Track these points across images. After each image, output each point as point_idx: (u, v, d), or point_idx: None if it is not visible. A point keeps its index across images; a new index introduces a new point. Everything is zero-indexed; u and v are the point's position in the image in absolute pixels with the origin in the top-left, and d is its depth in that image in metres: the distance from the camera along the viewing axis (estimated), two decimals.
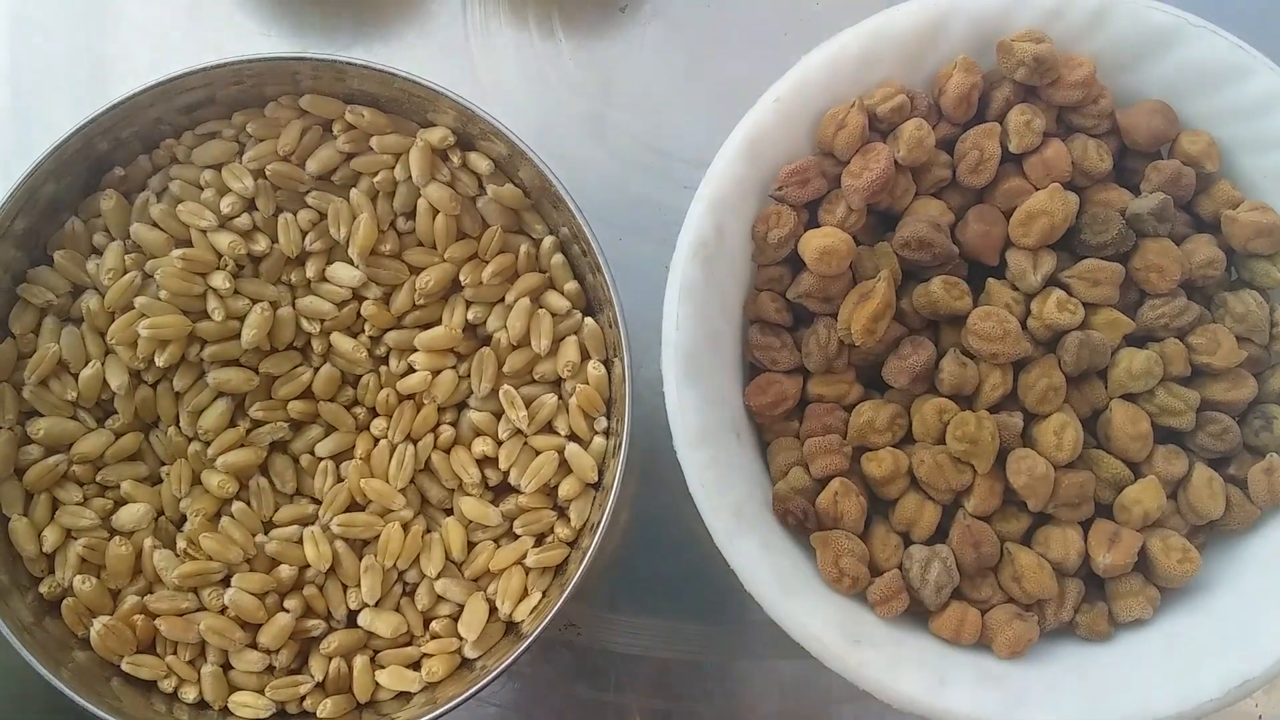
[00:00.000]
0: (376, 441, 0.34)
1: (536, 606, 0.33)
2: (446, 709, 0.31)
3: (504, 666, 0.31)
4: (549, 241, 0.35)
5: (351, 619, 0.34)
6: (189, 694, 0.33)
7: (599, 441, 0.34)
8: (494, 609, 0.33)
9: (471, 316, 0.34)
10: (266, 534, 0.34)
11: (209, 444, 0.34)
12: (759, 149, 0.32)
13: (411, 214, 0.34)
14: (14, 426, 0.33)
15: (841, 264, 0.31)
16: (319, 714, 0.33)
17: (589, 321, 0.34)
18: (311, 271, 0.34)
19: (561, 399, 0.34)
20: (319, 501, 0.34)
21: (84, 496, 0.33)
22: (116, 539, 0.33)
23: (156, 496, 0.34)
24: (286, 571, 0.33)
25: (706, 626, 0.38)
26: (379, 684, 0.33)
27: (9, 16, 0.41)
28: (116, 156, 0.34)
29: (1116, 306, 0.32)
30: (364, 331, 0.34)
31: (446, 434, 0.34)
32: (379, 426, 0.34)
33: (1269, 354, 0.32)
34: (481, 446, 0.34)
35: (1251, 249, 0.32)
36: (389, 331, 0.34)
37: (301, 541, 0.34)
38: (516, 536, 0.34)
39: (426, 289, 0.34)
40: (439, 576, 0.34)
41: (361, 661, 0.33)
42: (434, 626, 0.34)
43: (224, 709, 0.33)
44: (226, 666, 0.33)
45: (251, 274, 0.34)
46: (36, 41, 0.41)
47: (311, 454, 0.34)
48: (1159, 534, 0.31)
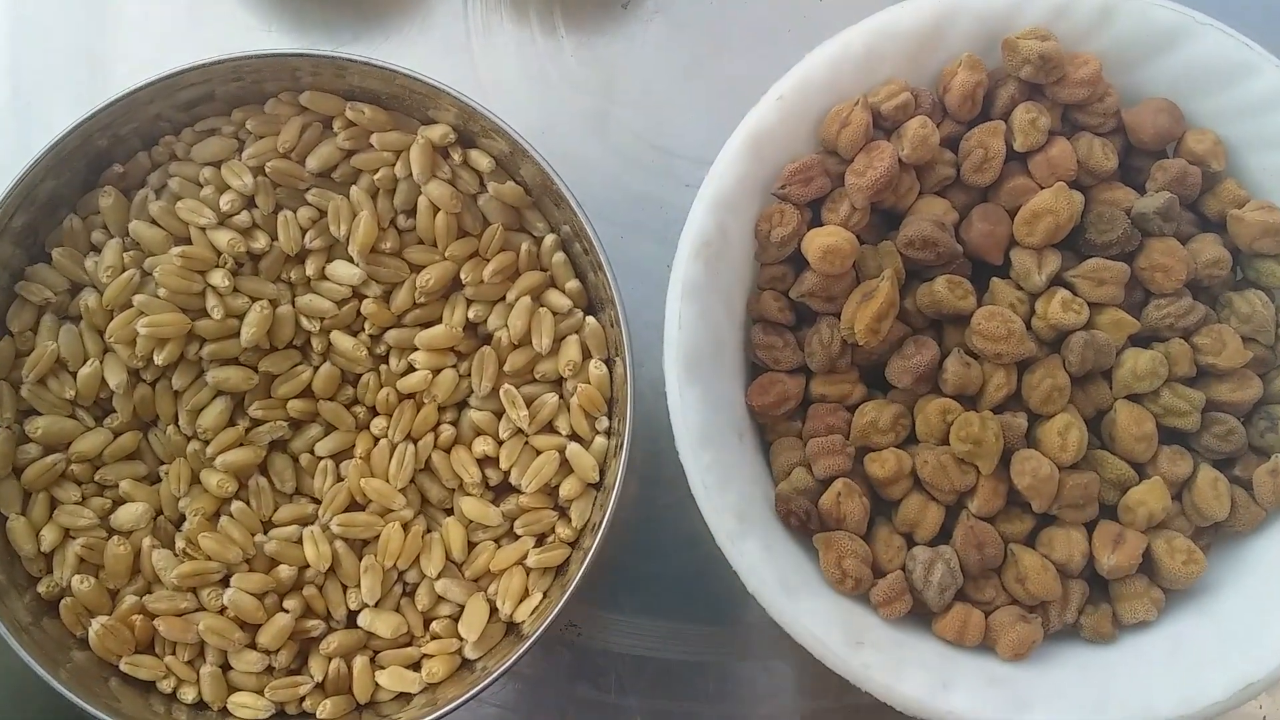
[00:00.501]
0: (376, 441, 0.34)
1: (537, 607, 0.33)
2: (447, 710, 0.31)
3: (505, 667, 0.31)
4: (550, 240, 0.34)
5: (351, 619, 0.34)
6: (188, 694, 0.32)
7: (600, 441, 0.34)
8: (495, 609, 0.33)
9: (472, 315, 0.34)
10: (266, 534, 0.34)
11: (208, 443, 0.34)
12: (762, 147, 0.32)
13: (412, 212, 0.34)
14: (12, 425, 0.33)
15: (845, 263, 0.31)
16: (319, 715, 0.32)
17: (590, 320, 0.34)
18: (311, 269, 0.34)
19: (563, 398, 0.34)
20: (319, 501, 0.34)
21: (82, 496, 0.33)
22: (115, 538, 0.33)
23: (155, 496, 0.34)
24: (286, 571, 0.33)
25: (708, 627, 0.38)
26: (379, 685, 0.33)
27: (9, 14, 0.41)
28: (115, 153, 0.34)
29: (1121, 306, 0.31)
30: (364, 330, 0.34)
31: (447, 433, 0.34)
32: (379, 426, 0.34)
33: (1275, 354, 0.32)
34: (482, 446, 0.34)
35: (1257, 248, 0.31)
36: (389, 330, 0.34)
37: (301, 541, 0.33)
38: (517, 537, 0.34)
39: (427, 287, 0.34)
40: (439, 577, 0.33)
41: (361, 662, 0.33)
42: (434, 627, 0.33)
43: (223, 709, 0.33)
44: (225, 667, 0.33)
45: (251, 272, 0.34)
46: (37, 39, 0.41)
47: (311, 453, 0.34)
48: (1164, 535, 0.31)
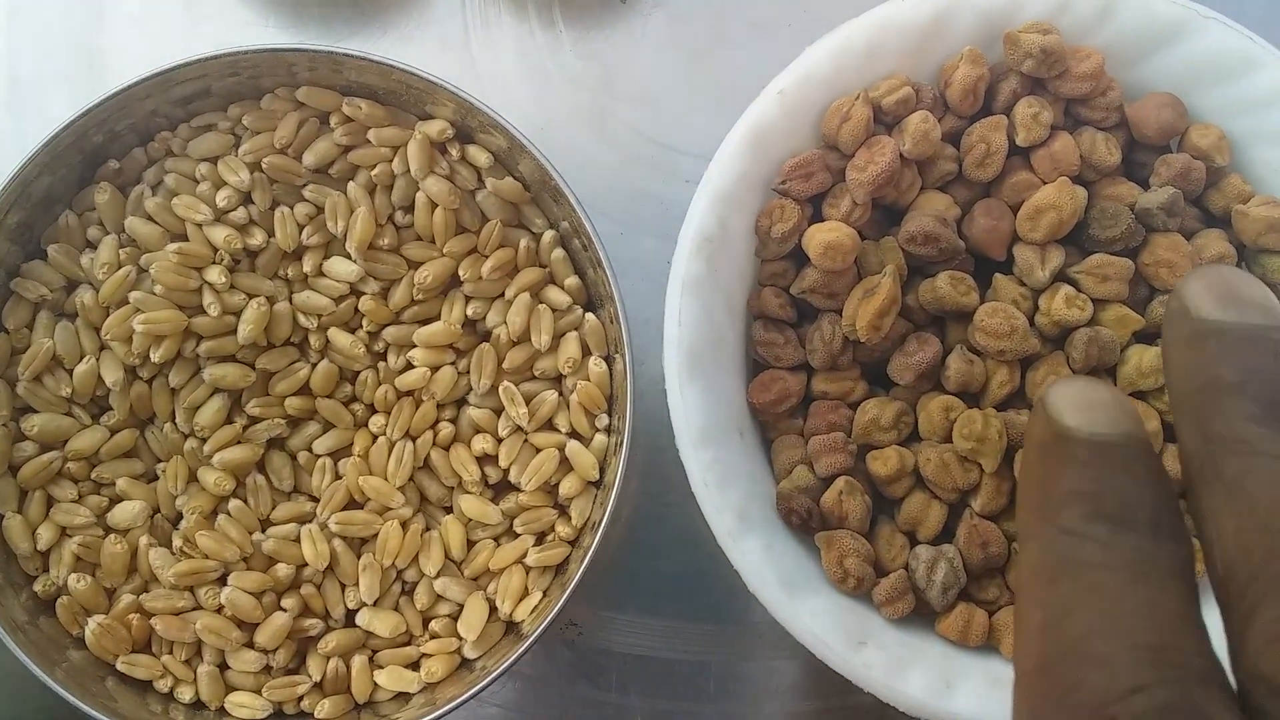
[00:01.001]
0: (375, 439, 0.34)
1: (537, 606, 0.33)
2: (446, 710, 0.31)
3: (504, 667, 0.31)
4: (549, 236, 0.34)
5: (350, 618, 0.34)
6: (185, 694, 0.32)
7: (600, 439, 0.34)
8: (494, 608, 0.33)
9: (471, 312, 0.34)
10: (264, 532, 0.33)
11: (205, 441, 0.33)
12: (762, 142, 0.31)
13: (410, 208, 0.34)
14: (7, 423, 0.33)
15: (846, 259, 0.30)
16: (317, 714, 0.32)
17: (590, 317, 0.34)
18: (309, 266, 0.34)
19: (562, 396, 0.34)
20: (317, 499, 0.34)
21: (79, 494, 0.33)
22: (112, 537, 0.33)
23: (152, 494, 0.33)
24: (284, 570, 0.33)
25: (709, 626, 0.38)
26: (377, 684, 0.33)
27: (6, 8, 0.41)
28: (111, 149, 0.34)
29: (1126, 303, 0.31)
30: (362, 327, 0.34)
31: (446, 431, 0.34)
32: (377, 423, 0.34)
33: None
34: (481, 444, 0.34)
35: (1262, 244, 0.31)
36: (387, 327, 0.34)
37: (299, 540, 0.33)
38: (517, 535, 0.34)
39: (425, 284, 0.33)
40: (438, 575, 0.33)
41: (360, 661, 0.33)
42: (433, 626, 0.33)
43: (220, 709, 0.32)
44: (223, 666, 0.33)
45: (248, 268, 0.34)
46: (33, 33, 0.41)
47: (309, 451, 0.34)
48: None
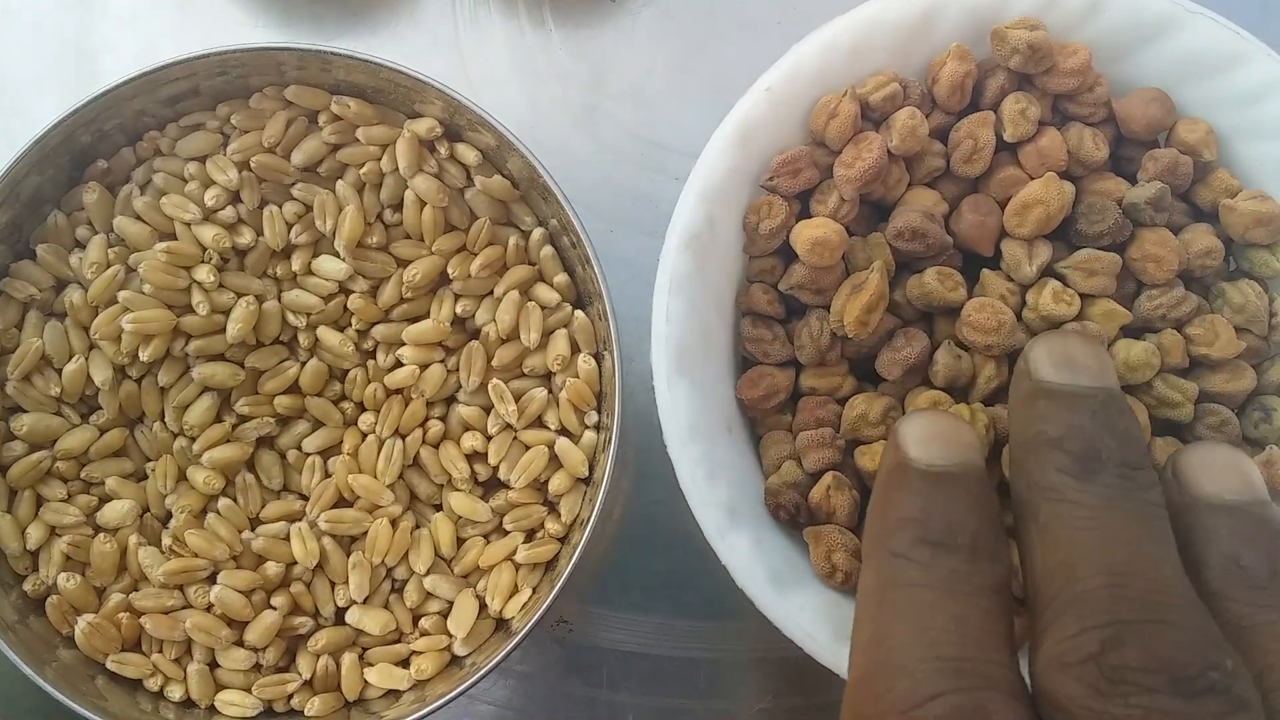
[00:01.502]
0: (364, 437, 0.34)
1: (527, 603, 0.33)
2: (435, 707, 0.31)
3: (493, 664, 0.31)
4: (538, 234, 0.34)
5: (339, 616, 0.34)
6: (175, 692, 0.32)
7: (589, 436, 0.34)
8: (484, 606, 0.33)
9: (460, 310, 0.34)
10: (253, 531, 0.33)
11: (194, 440, 0.33)
12: (750, 139, 0.31)
13: (398, 206, 0.34)
14: None
15: (834, 255, 0.30)
16: (307, 712, 0.32)
17: (579, 315, 0.34)
18: (297, 265, 0.34)
19: (551, 393, 0.34)
20: (306, 498, 0.34)
21: (68, 493, 0.33)
22: (101, 536, 0.33)
23: (142, 493, 0.33)
24: (273, 568, 0.33)
25: (700, 623, 0.38)
26: (367, 682, 0.33)
27: None
28: (100, 149, 0.34)
29: (1113, 298, 0.31)
30: (351, 325, 0.34)
31: (435, 429, 0.34)
32: (367, 421, 0.34)
33: (1268, 345, 0.32)
34: (470, 441, 0.34)
35: (1250, 238, 0.31)
36: (376, 325, 0.34)
37: (289, 538, 0.33)
38: (506, 532, 0.34)
39: (414, 282, 0.33)
40: (428, 573, 0.33)
41: (350, 659, 0.33)
42: (423, 624, 0.33)
43: (210, 707, 0.32)
44: (213, 665, 0.33)
45: (236, 267, 0.34)
46: (21, 33, 0.41)
47: (298, 449, 0.34)
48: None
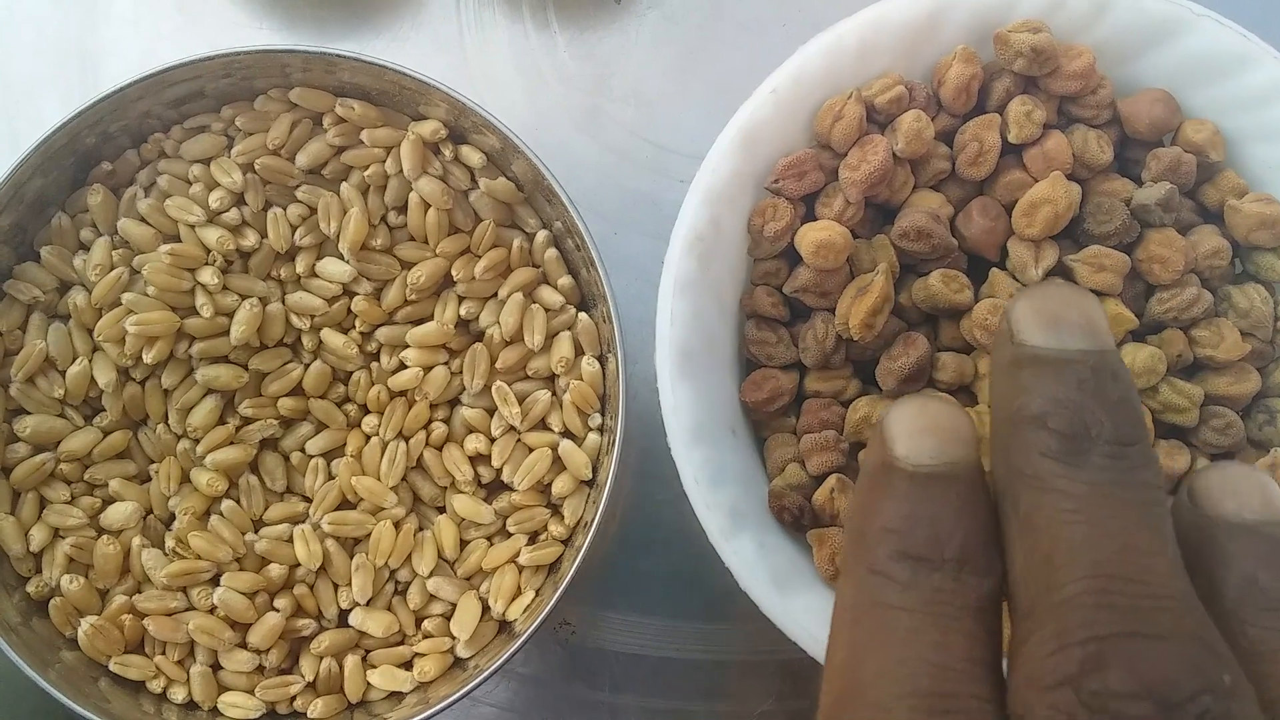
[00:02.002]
0: (368, 439, 0.34)
1: (530, 605, 0.33)
2: (439, 709, 0.31)
3: (496, 666, 0.31)
4: (542, 236, 0.34)
5: (343, 618, 0.34)
6: (178, 694, 0.32)
7: (593, 438, 0.34)
8: (487, 608, 0.33)
9: (464, 312, 0.34)
10: (256, 533, 0.33)
11: (198, 442, 0.33)
12: (755, 141, 0.31)
13: (403, 208, 0.34)
14: (0, 424, 0.33)
15: (839, 258, 0.30)
16: (310, 714, 0.32)
17: (583, 317, 0.34)
18: (301, 267, 0.34)
19: (555, 395, 0.34)
20: (310, 500, 0.34)
21: (71, 495, 0.33)
22: (104, 538, 0.33)
23: (145, 495, 0.33)
24: (277, 570, 0.33)
25: (703, 625, 0.38)
26: (370, 684, 0.33)
27: None
28: (104, 151, 0.34)
29: (1122, 299, 0.31)
30: (355, 327, 0.34)
31: (439, 431, 0.34)
32: (370, 424, 0.34)
33: (1273, 348, 0.32)
34: (474, 443, 0.34)
35: (1254, 240, 0.31)
36: (380, 327, 0.34)
37: (292, 540, 0.33)
38: (509, 534, 0.34)
39: (418, 284, 0.33)
40: (431, 575, 0.33)
41: (353, 661, 0.33)
42: (426, 626, 0.33)
43: (213, 709, 0.32)
44: (216, 666, 0.33)
45: (240, 269, 0.34)
46: (25, 35, 0.41)
47: (302, 452, 0.34)
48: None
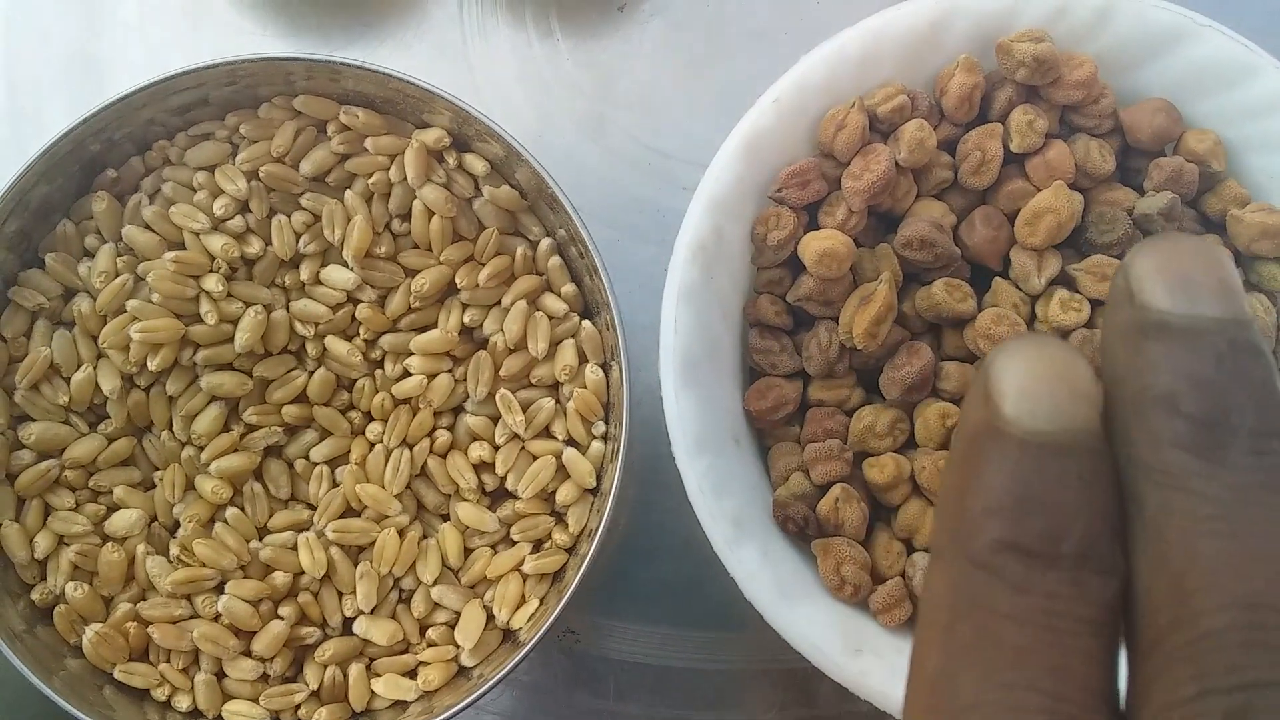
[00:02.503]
0: (372, 446, 0.34)
1: (534, 614, 0.33)
2: (443, 718, 0.31)
3: (501, 675, 0.31)
4: (546, 244, 0.34)
5: (347, 626, 0.34)
6: (182, 703, 0.32)
7: (597, 446, 0.34)
8: (491, 616, 0.33)
9: (468, 320, 0.34)
10: (261, 540, 0.33)
11: (202, 449, 0.33)
12: (758, 150, 0.31)
13: (407, 216, 0.34)
14: (5, 431, 0.33)
15: (842, 266, 0.30)
16: None
17: (586, 325, 0.34)
18: (306, 274, 0.34)
19: (559, 403, 0.34)
20: (314, 507, 0.34)
21: (76, 502, 0.33)
22: (109, 545, 0.33)
23: (149, 502, 0.33)
24: (281, 578, 0.33)
25: (707, 634, 0.38)
26: (374, 692, 0.33)
27: (2, 17, 0.41)
28: (109, 158, 0.34)
29: None
30: (359, 335, 0.34)
31: (443, 439, 0.34)
32: (374, 431, 0.34)
33: (1276, 358, 0.32)
34: (478, 451, 0.34)
35: (1256, 250, 0.31)
36: (384, 335, 0.34)
37: (296, 548, 0.33)
38: (514, 543, 0.34)
39: (422, 292, 0.33)
40: (435, 583, 0.33)
41: (357, 670, 0.33)
42: (430, 634, 0.33)
43: (218, 718, 0.32)
44: (220, 675, 0.33)
45: (245, 277, 0.34)
46: (31, 42, 0.41)
47: (306, 459, 0.34)
48: None
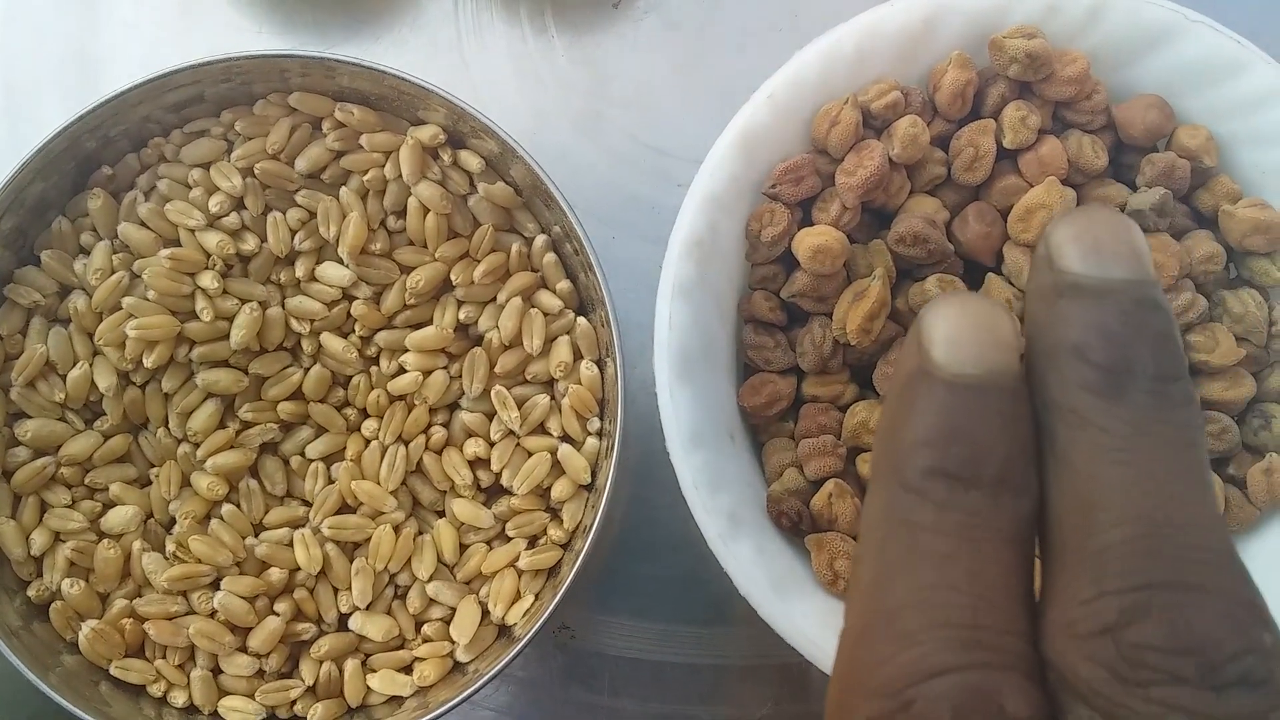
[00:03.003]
0: (367, 443, 0.34)
1: (529, 609, 0.33)
2: (438, 713, 0.31)
3: (496, 670, 0.31)
4: (541, 240, 0.34)
5: (342, 622, 0.34)
6: (178, 698, 0.32)
7: (592, 442, 0.34)
8: (486, 612, 0.33)
9: (463, 316, 0.34)
10: (256, 537, 0.33)
11: (198, 446, 0.33)
12: (752, 146, 0.31)
13: (402, 213, 0.34)
14: (1, 428, 0.33)
15: (835, 262, 0.30)
16: (309, 718, 0.32)
17: (581, 321, 0.34)
18: (301, 271, 0.34)
19: (554, 400, 0.34)
20: (310, 504, 0.34)
21: (72, 499, 0.33)
22: (105, 542, 0.33)
23: (145, 499, 0.33)
24: (277, 575, 0.33)
25: (702, 629, 0.38)
26: (370, 688, 0.33)
27: (0, 14, 0.41)
28: (104, 155, 0.34)
29: None
30: (354, 332, 0.34)
31: (438, 435, 0.34)
32: (370, 428, 0.34)
33: (1267, 353, 0.32)
34: (473, 448, 0.34)
35: (1247, 245, 0.31)
36: (379, 332, 0.34)
37: (292, 544, 0.33)
38: (509, 539, 0.34)
39: (417, 288, 0.33)
40: (431, 579, 0.33)
41: (352, 665, 0.33)
42: (426, 630, 0.33)
43: (214, 713, 0.33)
44: (216, 670, 0.33)
45: (240, 274, 0.34)
46: (27, 39, 0.41)
47: (302, 456, 0.34)
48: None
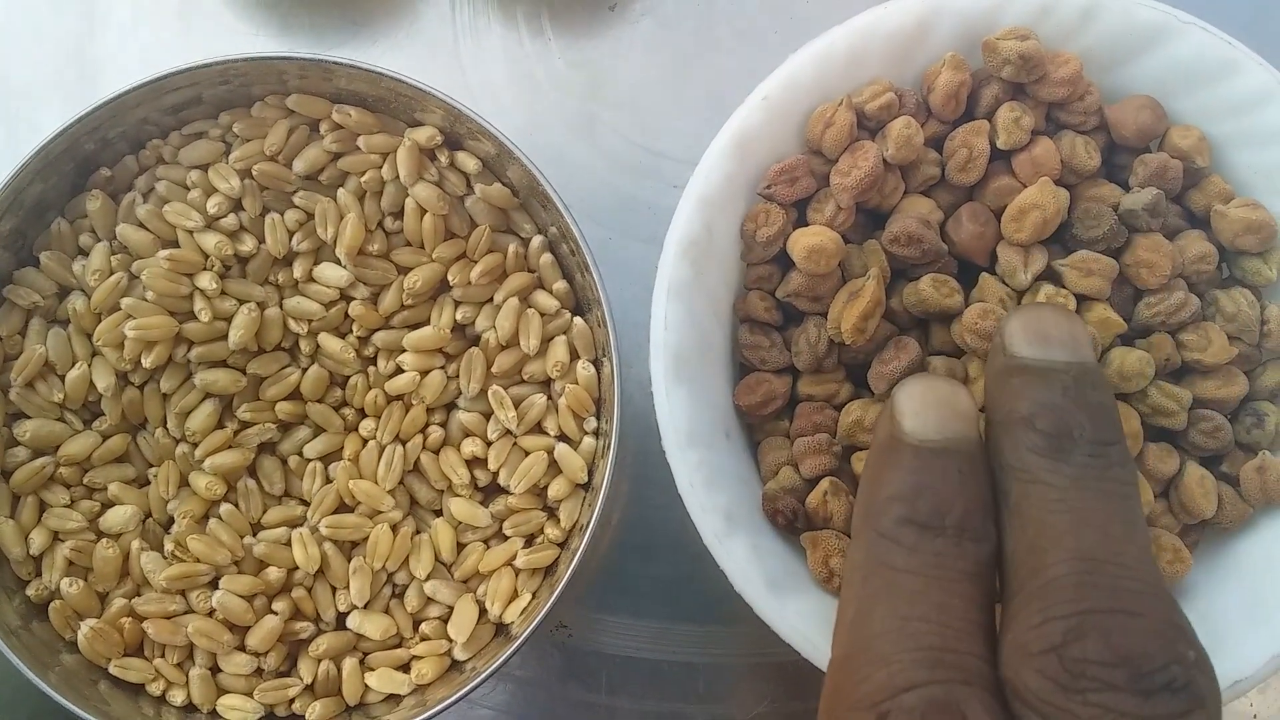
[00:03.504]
0: (365, 443, 0.34)
1: (526, 608, 0.33)
2: (436, 711, 0.31)
3: (493, 668, 0.31)
4: (537, 241, 0.34)
5: (340, 621, 0.34)
6: (177, 697, 0.33)
7: (588, 442, 0.34)
8: (484, 610, 0.33)
9: (460, 317, 0.34)
10: (254, 536, 0.34)
11: (196, 445, 0.34)
12: (747, 147, 0.32)
13: (399, 214, 0.34)
14: (0, 428, 0.33)
15: (830, 262, 0.31)
16: (308, 716, 0.33)
17: (578, 321, 0.34)
18: (299, 272, 0.34)
19: (550, 399, 0.34)
20: (308, 503, 0.34)
21: (71, 499, 0.33)
22: (104, 541, 0.33)
23: (144, 498, 0.34)
24: (275, 574, 0.33)
25: (699, 627, 0.38)
26: (368, 686, 0.33)
27: None
28: (103, 157, 0.34)
29: (1110, 304, 0.31)
30: (352, 332, 0.34)
31: (435, 435, 0.34)
32: (367, 428, 0.34)
33: (1260, 351, 0.32)
34: (470, 447, 0.34)
35: (1239, 245, 0.31)
36: (377, 332, 0.34)
37: (290, 543, 0.33)
38: (506, 538, 0.34)
39: (414, 289, 0.34)
40: (428, 578, 0.33)
41: (350, 664, 0.33)
42: (423, 628, 0.33)
43: (212, 712, 0.33)
44: (215, 669, 0.33)
45: (238, 275, 0.34)
46: (25, 41, 0.41)
47: (300, 455, 0.34)
48: (1151, 533, 0.31)
